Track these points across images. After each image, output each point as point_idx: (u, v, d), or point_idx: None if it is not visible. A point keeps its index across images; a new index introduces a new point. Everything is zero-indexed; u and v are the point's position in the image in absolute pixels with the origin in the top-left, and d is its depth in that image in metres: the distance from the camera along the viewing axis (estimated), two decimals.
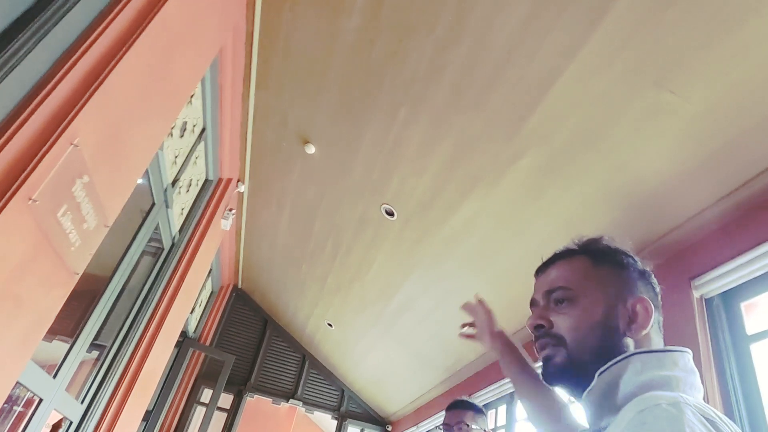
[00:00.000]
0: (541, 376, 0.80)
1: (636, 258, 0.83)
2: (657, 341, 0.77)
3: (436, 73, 2.61)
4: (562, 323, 0.77)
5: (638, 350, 0.72)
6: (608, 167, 2.44)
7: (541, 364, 0.79)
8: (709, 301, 2.26)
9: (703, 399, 0.71)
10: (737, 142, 2.05)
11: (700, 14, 1.79)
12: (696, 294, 2.27)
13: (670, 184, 2.33)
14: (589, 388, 0.70)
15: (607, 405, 0.68)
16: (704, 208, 2.31)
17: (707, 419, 0.55)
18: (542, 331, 0.79)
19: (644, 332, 0.75)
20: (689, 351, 0.73)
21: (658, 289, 0.83)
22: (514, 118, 2.54)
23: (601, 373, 0.70)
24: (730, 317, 2.17)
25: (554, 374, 0.76)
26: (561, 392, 0.98)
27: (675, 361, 0.70)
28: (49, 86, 1.48)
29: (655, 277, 0.85)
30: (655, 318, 0.77)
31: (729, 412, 1.96)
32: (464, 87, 2.59)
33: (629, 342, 0.74)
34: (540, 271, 0.88)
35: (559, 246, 0.90)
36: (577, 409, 0.84)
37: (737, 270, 2.11)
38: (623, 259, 0.82)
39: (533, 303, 0.85)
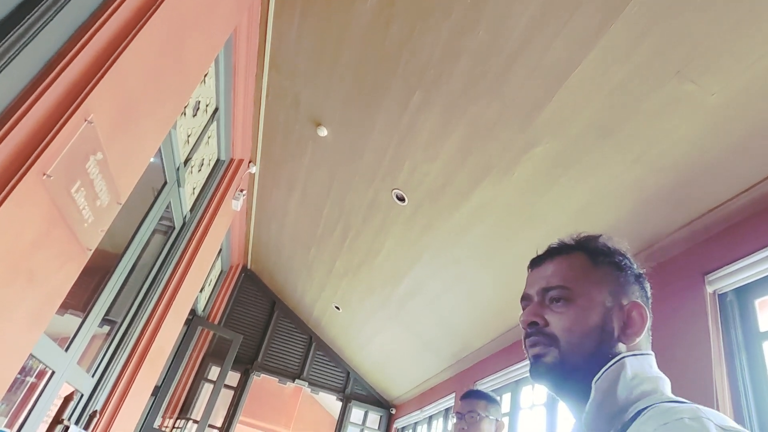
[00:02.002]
0: (529, 373, 0.79)
1: (632, 260, 0.82)
2: (646, 347, 0.76)
3: (452, 58, 2.57)
4: (557, 323, 0.75)
5: (627, 353, 0.72)
6: (623, 159, 2.40)
7: (529, 360, 0.78)
8: (722, 297, 2.23)
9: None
10: (758, 135, 2.00)
11: (726, 2, 1.74)
12: (709, 289, 2.24)
13: (686, 177, 2.29)
14: (591, 399, 0.69)
15: (606, 413, 0.67)
16: (721, 202, 2.27)
17: (726, 429, 0.55)
18: (536, 328, 0.77)
19: (638, 339, 0.74)
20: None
21: (650, 294, 0.81)
22: (530, 107, 2.50)
23: (597, 380, 0.69)
24: (743, 314, 2.15)
25: (543, 373, 0.75)
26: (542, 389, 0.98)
27: (650, 363, 0.73)
28: (64, 62, 1.47)
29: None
30: (648, 324, 0.76)
31: (738, 410, 1.94)
32: (479, 73, 2.55)
33: (622, 348, 0.73)
34: (535, 264, 0.85)
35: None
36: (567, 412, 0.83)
37: (753, 266, 2.07)
38: (621, 261, 0.80)
39: (526, 298, 0.83)
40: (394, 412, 6.68)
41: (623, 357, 0.71)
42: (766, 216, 2.10)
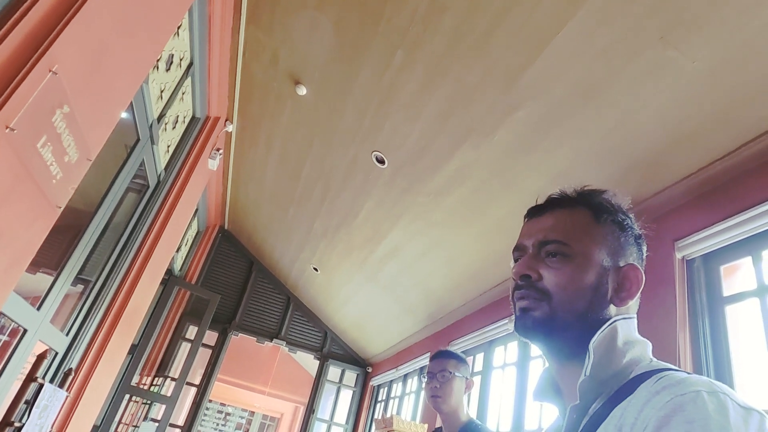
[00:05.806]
0: (514, 325, 0.77)
1: (633, 219, 0.79)
2: (634, 310, 0.75)
3: (436, 15, 2.50)
4: (551, 278, 0.72)
5: (618, 317, 0.71)
6: (605, 124, 2.41)
7: (515, 313, 0.76)
8: (690, 263, 2.30)
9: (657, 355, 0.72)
10: (735, 105, 2.02)
11: None
12: (678, 255, 2.31)
13: (664, 144, 2.32)
14: (590, 362, 0.66)
15: (599, 376, 0.66)
16: (695, 170, 2.31)
17: (743, 407, 0.54)
18: (527, 281, 0.74)
19: (630, 302, 0.73)
20: None
21: (645, 256, 0.80)
22: (513, 68, 2.47)
23: (594, 343, 0.67)
24: (708, 279, 2.22)
25: (529, 327, 0.73)
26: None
27: (635, 327, 0.73)
28: (24, 7, 1.38)
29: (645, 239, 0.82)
30: (641, 288, 0.75)
31: (698, 371, 2.04)
32: (464, 32, 2.49)
33: (612, 310, 0.72)
34: (534, 214, 0.81)
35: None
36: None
37: (721, 233, 2.14)
38: (623, 220, 0.77)
39: (520, 248, 0.79)
40: (370, 370, 6.85)
41: (615, 320, 0.70)
42: (736, 184, 2.15)
